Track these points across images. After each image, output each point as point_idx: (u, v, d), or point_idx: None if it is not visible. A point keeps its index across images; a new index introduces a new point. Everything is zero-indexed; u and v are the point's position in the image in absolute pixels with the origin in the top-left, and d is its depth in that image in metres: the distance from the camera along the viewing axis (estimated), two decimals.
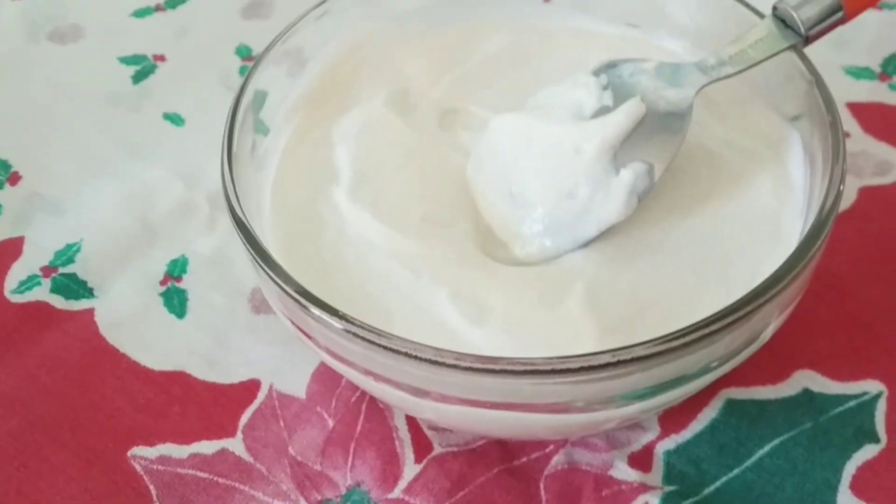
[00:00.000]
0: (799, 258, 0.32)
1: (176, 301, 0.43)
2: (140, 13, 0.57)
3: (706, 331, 0.30)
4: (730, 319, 0.30)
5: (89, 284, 0.44)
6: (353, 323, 0.31)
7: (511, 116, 0.38)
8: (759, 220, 0.36)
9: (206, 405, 0.40)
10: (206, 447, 0.39)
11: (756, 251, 0.36)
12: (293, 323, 0.34)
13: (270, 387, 0.41)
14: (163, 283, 0.44)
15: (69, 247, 0.45)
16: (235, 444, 0.39)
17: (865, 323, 0.41)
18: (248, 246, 0.33)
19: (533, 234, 0.37)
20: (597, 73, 0.38)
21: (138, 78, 0.53)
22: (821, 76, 0.37)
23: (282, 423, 0.40)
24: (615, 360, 0.30)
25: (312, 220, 0.38)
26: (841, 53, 0.51)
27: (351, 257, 0.37)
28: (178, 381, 0.41)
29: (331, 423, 0.39)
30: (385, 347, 0.31)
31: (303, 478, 0.38)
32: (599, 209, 0.36)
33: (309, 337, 0.34)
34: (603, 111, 0.37)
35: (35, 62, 0.54)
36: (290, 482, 0.38)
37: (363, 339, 0.31)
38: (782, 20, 0.38)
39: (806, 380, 0.39)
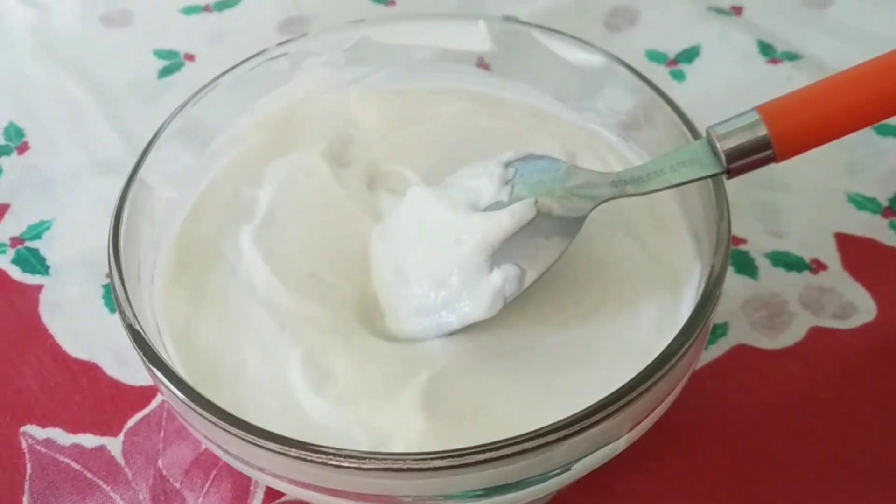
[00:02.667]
0: (645, 377, 0.31)
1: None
2: (188, 10, 0.59)
3: (527, 444, 0.30)
4: (557, 435, 0.30)
5: (47, 262, 0.47)
6: (178, 386, 0.32)
7: (420, 191, 0.38)
8: (630, 349, 0.35)
9: (103, 401, 0.42)
10: (89, 441, 0.41)
11: (619, 376, 0.34)
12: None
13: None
14: (108, 276, 0.47)
15: (42, 223, 0.49)
16: (114, 445, 0.41)
17: (758, 475, 0.38)
18: (111, 278, 0.35)
19: (405, 313, 0.37)
20: (508, 163, 0.37)
21: (164, 73, 0.56)
22: (728, 215, 0.35)
23: (161, 435, 0.41)
24: (417, 466, 0.30)
25: (212, 252, 0.39)
26: (850, 178, 0.48)
27: (231, 297, 0.38)
28: (88, 372, 0.43)
29: (203, 446, 0.41)
30: (205, 418, 0.32)
31: (160, 492, 0.40)
32: (466, 304, 0.35)
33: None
34: (497, 206, 0.36)
35: (80, 42, 0.58)
36: (148, 493, 0.40)
37: (189, 406, 0.32)
38: (712, 147, 0.36)
39: None
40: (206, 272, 0.39)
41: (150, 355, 0.33)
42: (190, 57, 0.57)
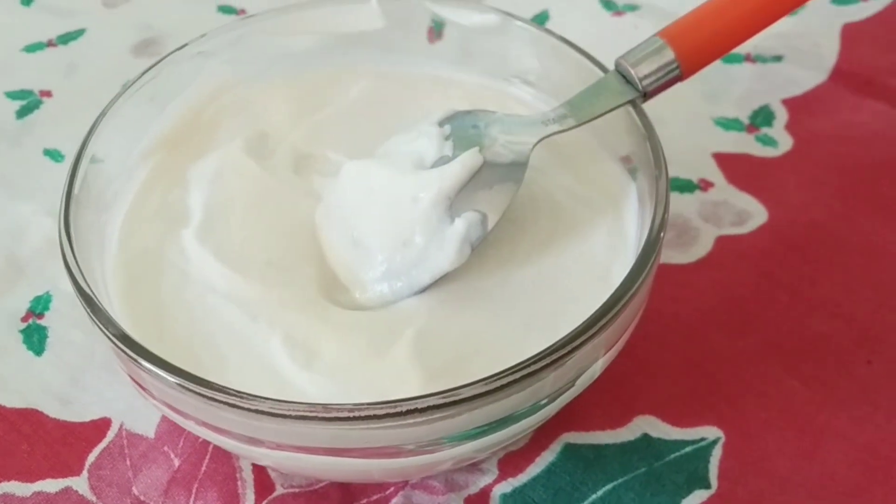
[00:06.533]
0: (617, 298, 0.33)
1: (36, 338, 0.44)
2: (31, 48, 0.57)
3: (524, 372, 0.31)
4: (547, 361, 0.31)
5: None
6: (180, 375, 0.31)
7: (358, 163, 0.39)
8: (591, 271, 0.37)
9: (54, 444, 0.40)
10: (51, 486, 0.39)
11: (586, 300, 0.36)
12: (129, 376, 0.35)
13: (121, 426, 0.41)
14: (24, 319, 0.44)
15: None
16: (80, 483, 0.39)
17: (708, 371, 0.42)
18: (78, 295, 0.34)
19: (372, 280, 0.37)
20: (441, 122, 0.39)
21: (22, 113, 0.53)
22: (654, 130, 0.38)
23: (128, 463, 0.40)
24: (429, 404, 0.31)
25: (158, 262, 0.38)
26: (712, 105, 0.53)
27: (191, 300, 0.37)
28: (29, 419, 0.41)
29: (177, 462, 0.40)
30: (208, 398, 0.31)
31: None
32: (434, 257, 0.36)
33: (144, 389, 0.34)
34: (443, 161, 0.37)
35: None
36: None
37: (189, 390, 0.31)
38: (623, 75, 0.39)
39: (646, 425, 0.40)
40: (159, 282, 0.38)
41: (148, 356, 0.32)
42: (46, 93, 0.54)
